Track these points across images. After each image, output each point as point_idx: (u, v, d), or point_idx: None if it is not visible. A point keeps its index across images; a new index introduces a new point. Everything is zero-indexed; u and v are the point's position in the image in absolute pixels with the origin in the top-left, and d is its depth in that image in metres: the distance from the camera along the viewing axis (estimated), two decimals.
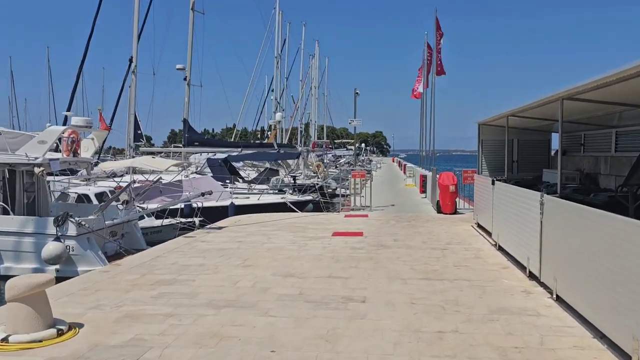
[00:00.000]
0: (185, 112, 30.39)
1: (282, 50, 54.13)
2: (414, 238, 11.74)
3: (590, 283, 5.45)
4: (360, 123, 19.63)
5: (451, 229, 13.15)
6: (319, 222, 14.69)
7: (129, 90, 25.33)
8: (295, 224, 14.37)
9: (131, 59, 25.22)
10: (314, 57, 74.77)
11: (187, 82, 30.57)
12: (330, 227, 13.63)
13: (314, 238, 11.88)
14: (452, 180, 15.96)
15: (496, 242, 10.36)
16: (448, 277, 8.02)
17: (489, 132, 13.85)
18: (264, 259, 9.55)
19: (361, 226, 13.68)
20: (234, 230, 13.22)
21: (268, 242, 11.46)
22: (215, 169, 23.49)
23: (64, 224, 12.21)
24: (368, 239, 11.75)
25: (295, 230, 13.17)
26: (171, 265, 9.12)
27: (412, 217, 15.47)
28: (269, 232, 12.91)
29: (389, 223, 14.25)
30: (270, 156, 25.41)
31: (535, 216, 7.51)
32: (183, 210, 18.91)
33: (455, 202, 16.12)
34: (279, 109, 51.29)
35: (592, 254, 5.39)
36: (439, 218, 15.29)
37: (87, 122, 13.75)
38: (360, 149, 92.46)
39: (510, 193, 9.31)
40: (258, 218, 15.65)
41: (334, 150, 58.98)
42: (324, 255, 9.84)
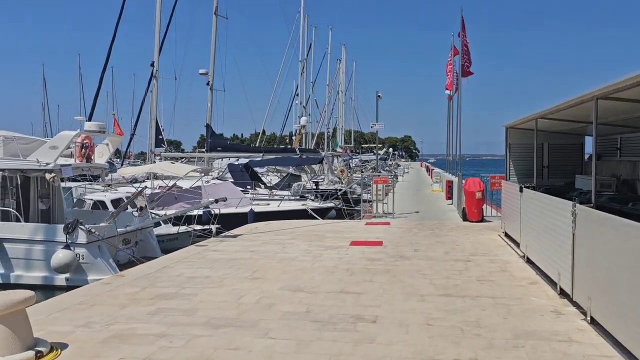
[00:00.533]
0: (208, 117, 30.22)
1: (308, 54, 53.87)
2: (436, 248, 11.05)
3: (630, 306, 4.75)
4: (382, 127, 19.01)
5: (477, 238, 12.41)
6: (338, 230, 14.10)
7: (150, 95, 25.22)
8: (313, 232, 13.82)
9: (153, 64, 25.10)
10: (341, 62, 74.42)
11: (210, 87, 30.43)
12: (349, 235, 13.03)
13: (330, 248, 11.30)
14: (479, 187, 15.20)
15: (524, 254, 9.62)
16: (470, 294, 7.35)
17: (517, 135, 13.07)
18: (274, 271, 9.01)
19: (381, 235, 13.05)
20: (248, 239, 12.73)
21: (282, 251, 10.93)
22: (236, 175, 23.13)
23: (73, 231, 11.92)
24: (387, 249, 11.11)
25: (312, 239, 12.61)
26: (176, 277, 8.66)
27: (436, 225, 14.76)
28: (284, 240, 12.39)
29: (411, 231, 13.58)
30: (292, 161, 24.94)
31: (566, 228, 6.80)
32: (202, 217, 18.57)
33: (481, 209, 15.34)
34: (305, 114, 50.98)
35: (632, 273, 4.69)
36: (464, 226, 14.54)
37: (100, 127, 13.48)
38: (388, 153, 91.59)
39: (539, 201, 8.58)
40: (275, 226, 15.15)
41: (360, 155, 58.20)
42: (338, 268, 9.25)
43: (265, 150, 26.32)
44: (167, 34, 30.16)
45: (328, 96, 69.94)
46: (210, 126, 29.63)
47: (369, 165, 51.04)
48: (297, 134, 40.87)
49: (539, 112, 9.33)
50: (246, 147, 26.67)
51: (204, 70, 30.37)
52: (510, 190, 11.64)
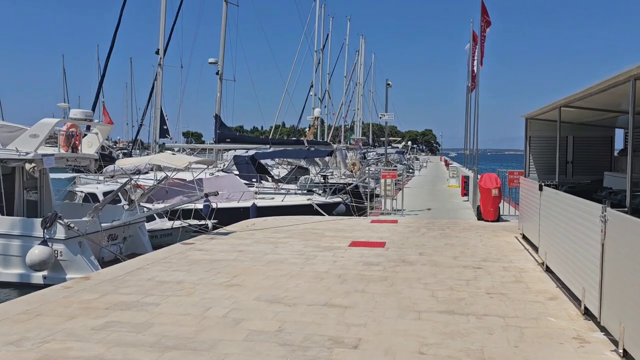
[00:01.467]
0: (217, 108, 29.32)
1: (325, 45, 52.68)
2: (444, 252, 9.92)
3: None
4: (392, 117, 17.78)
5: (491, 240, 11.24)
6: (340, 228, 13.03)
7: (155, 83, 24.35)
8: (313, 229, 12.77)
9: (157, 51, 24.21)
10: (359, 53, 73.02)
11: (219, 76, 29.50)
12: (349, 235, 11.95)
13: (326, 249, 10.24)
14: (495, 183, 13.97)
15: (543, 261, 8.45)
16: (476, 311, 6.23)
17: (538, 127, 11.82)
18: (257, 276, 7.99)
19: (386, 235, 11.94)
20: (240, 237, 11.73)
21: (272, 252, 9.90)
22: (241, 167, 22.16)
23: (51, 226, 11.05)
24: (389, 251, 10.01)
25: (309, 238, 11.56)
26: (145, 282, 7.69)
27: (447, 225, 13.58)
28: (278, 239, 11.36)
29: (419, 231, 12.44)
30: (300, 153, 23.88)
31: (594, 236, 5.64)
32: (201, 211, 17.65)
33: (498, 208, 14.12)
34: (321, 106, 49.86)
35: None
36: (478, 226, 13.34)
37: (86, 115, 12.58)
38: (407, 146, 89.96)
39: (561, 202, 7.40)
40: (274, 222, 14.13)
41: (376, 148, 56.85)
42: (329, 273, 8.19)
43: (273, 142, 25.29)
44: (177, 21, 29.37)
45: (345, 88, 68.85)
46: (219, 117, 28.73)
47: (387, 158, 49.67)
48: (310, 126, 39.75)
49: (563, 99, 8.12)
50: (254, 139, 25.69)
51: (213, 59, 29.46)
52: (529, 188, 10.44)
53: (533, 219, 9.79)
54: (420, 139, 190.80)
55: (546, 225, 8.42)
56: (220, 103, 29.40)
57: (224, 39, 29.45)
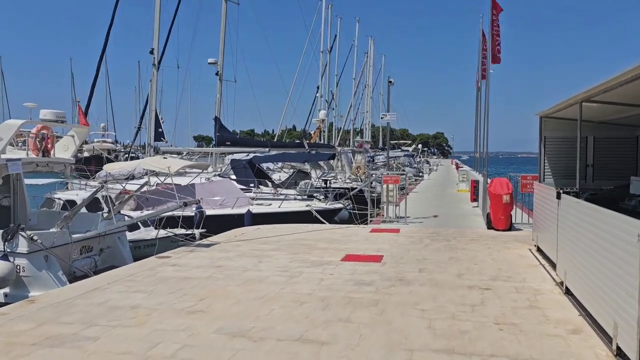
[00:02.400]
0: (216, 110, 28.35)
1: (332, 46, 51.66)
2: (448, 268, 8.74)
3: None
4: (394, 118, 16.57)
5: (501, 254, 10.03)
6: (335, 238, 11.88)
7: (150, 85, 23.40)
8: (305, 240, 11.63)
9: (152, 51, 23.24)
10: (368, 55, 71.90)
11: (219, 77, 28.53)
12: (344, 246, 10.81)
13: (315, 264, 9.10)
14: (506, 189, 12.75)
15: (562, 282, 7.25)
16: (482, 350, 5.06)
17: (554, 126, 10.61)
18: (227, 300, 6.87)
19: (384, 246, 10.78)
20: (224, 249, 10.63)
21: (253, 268, 8.78)
22: (239, 172, 21.08)
23: (13, 238, 10.01)
24: (386, 267, 8.86)
25: (298, 250, 10.43)
26: (95, 307, 6.60)
27: (453, 234, 12.38)
28: (264, 252, 10.25)
29: (422, 242, 11.26)
30: (300, 157, 22.75)
31: (629, 259, 4.47)
32: (192, 219, 16.60)
33: (509, 215, 12.89)
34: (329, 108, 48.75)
35: None
36: (487, 236, 12.13)
37: (58, 116, 11.57)
38: (417, 149, 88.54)
39: (585, 214, 6.21)
40: (265, 231, 13.02)
41: (383, 152, 55.52)
42: (312, 296, 7.05)
43: (272, 144, 24.20)
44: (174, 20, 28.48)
45: (354, 90, 67.67)
46: (219, 119, 27.73)
47: (395, 161, 48.48)
48: (315, 129, 38.69)
49: (584, 93, 6.94)
50: (254, 142, 24.63)
51: (213, 60, 28.52)
52: (545, 195, 9.24)
53: (549, 230, 8.59)
54: (432, 142, 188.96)
55: (566, 239, 7.23)
56: (220, 105, 28.42)
57: (223, 38, 28.48)
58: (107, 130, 75.38)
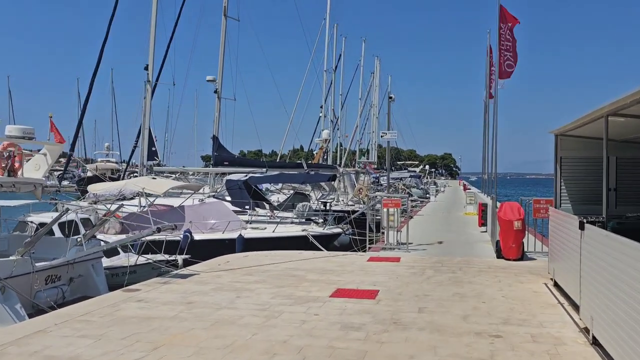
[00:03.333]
0: (214, 128, 27.45)
1: (337, 66, 51.00)
2: (452, 307, 7.57)
3: None
4: (395, 136, 15.49)
5: (513, 289, 8.85)
6: (328, 269, 10.74)
7: (144, 102, 22.54)
8: (295, 270, 10.50)
9: (146, 67, 22.41)
10: (374, 75, 71.23)
11: (217, 95, 27.70)
12: (337, 279, 9.67)
13: (300, 300, 7.97)
14: (518, 214, 11.59)
15: (588, 329, 6.08)
16: None
17: (572, 146, 9.51)
18: (185, 349, 5.75)
19: (381, 279, 9.63)
20: (202, 280, 9.52)
21: (228, 306, 7.66)
22: (234, 193, 20.04)
23: None
24: (381, 305, 7.71)
25: (284, 283, 9.30)
26: (25, 359, 5.50)
27: (459, 264, 11.21)
28: (246, 285, 9.13)
29: (423, 274, 10.10)
30: (297, 178, 21.72)
31: None
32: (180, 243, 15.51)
33: (521, 243, 11.71)
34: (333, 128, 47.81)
35: None
36: (497, 267, 10.94)
37: (25, 132, 10.62)
38: (424, 170, 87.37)
39: (618, 251, 5.07)
40: (253, 259, 11.91)
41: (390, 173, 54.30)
42: (288, 344, 5.91)
43: (269, 165, 23.21)
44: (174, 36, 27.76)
45: (360, 111, 66.84)
46: (217, 138, 26.82)
47: (401, 183, 47.34)
48: (318, 149, 37.69)
49: (612, 105, 5.86)
50: (253, 162, 23.66)
51: (211, 77, 27.72)
52: (563, 223, 8.09)
53: (569, 264, 7.44)
54: (440, 163, 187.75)
55: (591, 278, 6.07)
56: (218, 123, 27.51)
57: (222, 55, 27.69)
58: (111, 150, 74.88)
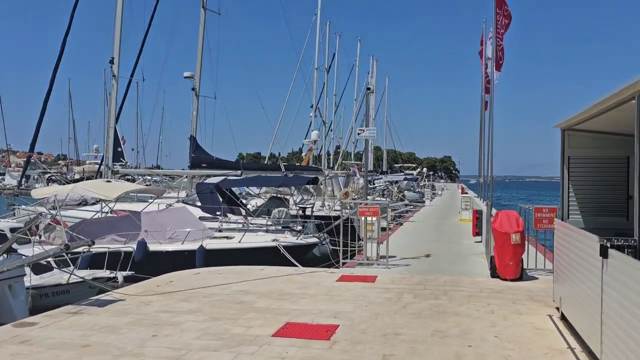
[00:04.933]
0: (192, 128, 25.66)
1: (331, 65, 49.28)
2: (428, 354, 5.72)
3: None
4: (374, 134, 13.48)
5: (509, 325, 6.99)
6: (287, 291, 8.89)
7: (109, 98, 20.71)
8: (245, 294, 8.65)
9: (112, 61, 20.54)
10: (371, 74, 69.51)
11: (195, 92, 25.90)
12: (292, 307, 7.81)
13: (232, 342, 6.12)
14: (516, 225, 9.74)
15: None
16: None
17: (582, 142, 7.67)
18: None
19: (347, 307, 7.77)
20: (121, 309, 7.67)
21: (134, 351, 5.81)
22: (204, 198, 18.18)
23: None
24: (334, 350, 5.85)
25: (224, 313, 7.45)
26: None
27: (445, 287, 9.35)
28: (174, 316, 7.28)
29: (400, 300, 8.24)
30: (273, 181, 19.86)
31: None
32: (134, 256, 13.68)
33: (520, 260, 9.86)
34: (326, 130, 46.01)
35: None
36: (491, 290, 9.08)
37: None
38: (422, 173, 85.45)
39: None
40: (201, 279, 10.06)
41: (382, 175, 52.52)
42: None
43: (245, 167, 21.36)
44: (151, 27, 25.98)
45: (355, 111, 65.02)
46: (194, 138, 25.00)
47: (395, 186, 45.44)
48: (307, 150, 35.88)
49: None
50: (228, 164, 21.87)
51: (189, 73, 25.91)
52: (574, 243, 6.25)
53: (584, 299, 5.61)
54: (439, 166, 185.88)
55: (619, 325, 4.24)
56: (196, 123, 25.72)
57: (201, 50, 25.92)
58: (99, 152, 73.14)
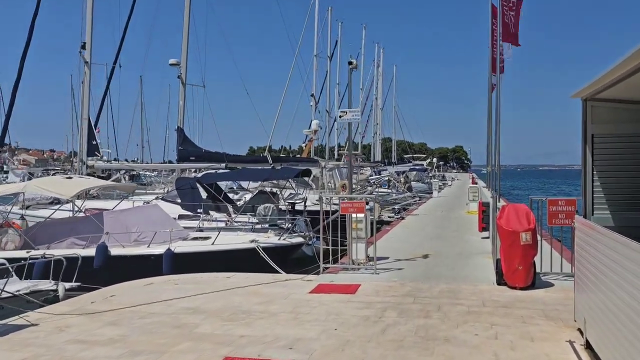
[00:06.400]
0: (179, 119, 24.13)
1: (333, 53, 47.47)
2: None
3: None
4: (357, 117, 11.60)
5: (517, 357, 5.30)
6: (244, 308, 7.25)
7: (82, 87, 19.16)
8: (190, 314, 7.04)
9: (84, 46, 18.95)
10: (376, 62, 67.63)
11: (181, 80, 24.31)
12: (242, 331, 6.18)
13: None
14: (526, 222, 8.01)
15: None
16: None
17: (611, 116, 5.95)
18: None
19: (311, 332, 6.13)
20: (24, 339, 6.09)
21: None
22: (184, 194, 16.58)
23: None
24: None
25: (152, 343, 5.85)
26: None
27: (440, 298, 7.66)
28: (88, 347, 5.69)
29: (380, 321, 6.58)
30: (258, 174, 18.18)
31: None
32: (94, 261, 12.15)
33: (531, 264, 8.13)
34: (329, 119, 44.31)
35: None
36: (495, 303, 7.38)
37: None
38: (432, 163, 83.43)
39: None
40: (152, 291, 8.47)
41: (389, 166, 50.64)
42: None
43: (229, 159, 19.73)
44: None
45: (362, 101, 63.14)
46: (182, 129, 23.42)
47: (402, 176, 43.59)
48: (307, 140, 34.20)
49: None
50: (214, 156, 20.26)
51: (174, 60, 24.34)
52: (605, 250, 4.54)
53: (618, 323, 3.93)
54: (451, 156, 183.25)
55: None
56: (183, 113, 24.19)
57: (187, 35, 24.30)
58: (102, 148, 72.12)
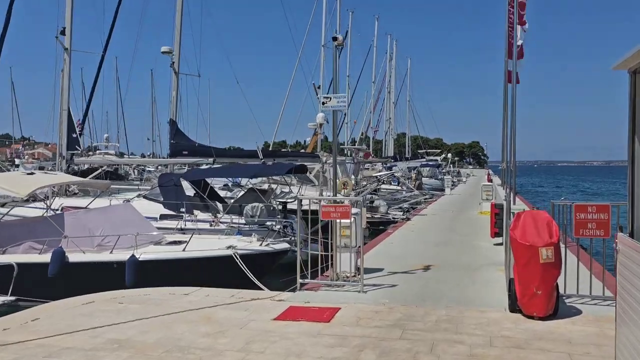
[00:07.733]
0: (171, 111, 22.65)
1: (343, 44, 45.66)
2: None
3: None
4: (343, 104, 9.94)
5: None
6: (184, 343, 5.69)
7: (61, 76, 17.75)
8: (114, 350, 5.50)
9: (63, 31, 17.52)
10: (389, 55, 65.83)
11: (174, 69, 22.83)
12: None
13: None
14: (547, 235, 6.34)
15: None
16: None
17: None
18: None
19: None
20: None
21: None
22: (167, 192, 15.10)
23: None
24: None
25: None
26: None
27: (437, 330, 6.03)
28: None
29: None
30: (248, 170, 16.64)
31: None
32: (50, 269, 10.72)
33: (554, 288, 6.44)
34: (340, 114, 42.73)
35: None
36: (506, 341, 5.72)
37: None
38: (447, 159, 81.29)
39: None
40: (80, 315, 6.95)
41: (399, 162, 48.86)
42: None
43: (217, 153, 18.22)
44: None
45: (373, 94, 61.40)
46: (175, 122, 21.97)
47: (413, 172, 41.82)
48: (312, 135, 32.58)
49: None
50: (205, 151, 18.79)
51: (167, 48, 22.81)
52: None
53: None
54: (467, 152, 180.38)
55: None
56: (176, 104, 22.68)
57: (180, 22, 22.79)
58: (109, 142, 70.82)
